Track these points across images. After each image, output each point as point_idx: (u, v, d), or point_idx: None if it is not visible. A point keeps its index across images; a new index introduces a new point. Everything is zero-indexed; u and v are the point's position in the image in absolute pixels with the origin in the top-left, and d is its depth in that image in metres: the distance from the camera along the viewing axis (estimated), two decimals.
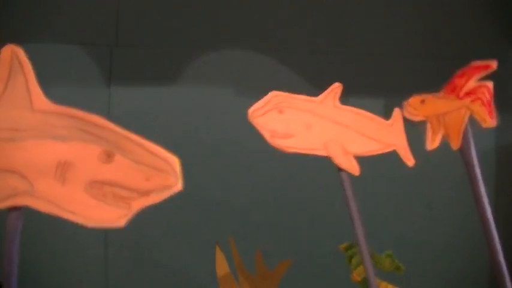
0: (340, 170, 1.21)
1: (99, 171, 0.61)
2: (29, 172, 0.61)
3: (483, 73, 0.87)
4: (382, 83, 2.22)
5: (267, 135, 1.21)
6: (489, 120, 0.84)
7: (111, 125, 0.62)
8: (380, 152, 1.23)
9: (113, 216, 0.61)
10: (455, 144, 0.83)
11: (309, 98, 1.24)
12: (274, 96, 1.24)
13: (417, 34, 2.28)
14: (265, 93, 1.25)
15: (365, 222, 2.25)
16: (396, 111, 1.22)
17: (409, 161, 1.22)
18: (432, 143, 0.83)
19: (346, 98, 1.25)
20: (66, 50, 2.12)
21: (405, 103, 0.88)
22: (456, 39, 2.28)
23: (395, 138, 1.22)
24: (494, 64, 0.85)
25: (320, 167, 1.99)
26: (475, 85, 0.84)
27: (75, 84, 2.12)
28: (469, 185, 2.44)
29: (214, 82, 2.20)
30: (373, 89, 2.21)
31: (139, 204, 0.63)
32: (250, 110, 1.22)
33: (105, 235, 2.11)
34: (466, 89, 0.84)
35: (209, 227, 2.13)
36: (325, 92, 1.25)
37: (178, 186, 0.62)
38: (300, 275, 2.10)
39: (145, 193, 0.62)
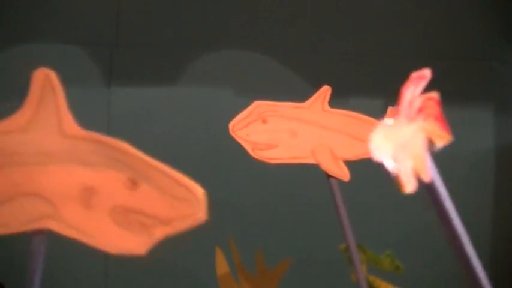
0: (329, 176, 1.19)
1: (124, 198, 0.61)
2: (55, 196, 0.61)
3: (423, 84, 0.74)
4: (382, 83, 2.22)
5: (248, 148, 1.19)
6: (445, 135, 0.72)
7: (137, 152, 0.62)
8: None
9: (135, 244, 0.62)
10: (426, 176, 0.71)
11: (295, 104, 1.22)
12: (257, 106, 1.22)
13: (417, 34, 2.28)
14: (265, 93, 1.24)
15: (365, 223, 2.26)
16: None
17: None
18: (409, 182, 0.71)
19: (346, 98, 1.25)
20: (66, 50, 2.12)
21: (369, 143, 0.77)
22: (456, 39, 2.28)
23: None
24: (428, 73, 0.75)
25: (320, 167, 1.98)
26: (421, 100, 0.74)
27: (75, 84, 2.12)
28: (468, 185, 2.45)
29: (214, 82, 2.20)
30: (373, 89, 2.21)
31: (162, 232, 0.63)
32: (231, 124, 1.21)
33: None
34: (414, 107, 0.74)
35: (209, 227, 2.13)
36: (313, 97, 1.23)
37: (202, 216, 0.63)
38: (300, 275, 2.10)
39: (168, 222, 0.62)
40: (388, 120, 0.76)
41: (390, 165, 0.72)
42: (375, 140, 0.74)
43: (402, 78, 0.76)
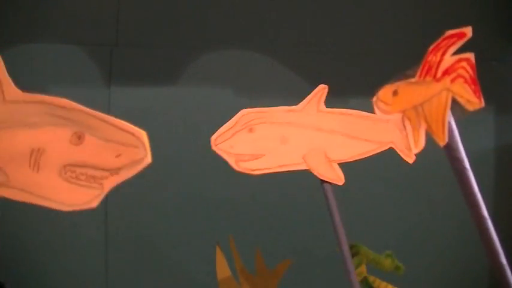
0: (322, 181, 1.15)
1: (71, 154, 0.61)
2: (4, 163, 0.61)
3: (458, 43, 0.69)
4: (382, 83, 2.22)
5: (231, 161, 1.15)
6: (475, 100, 0.65)
7: (78, 106, 0.62)
8: (373, 152, 1.15)
9: (86, 198, 0.62)
10: (441, 139, 0.67)
11: (287, 108, 1.17)
12: (244, 115, 1.17)
13: (417, 34, 2.28)
14: (265, 93, 1.23)
15: (365, 223, 2.25)
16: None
17: (409, 157, 1.09)
18: (416, 143, 0.68)
19: (346, 98, 1.25)
20: (66, 50, 2.12)
21: (374, 98, 0.71)
22: None
23: (392, 134, 1.10)
24: (468, 31, 0.70)
25: None
26: (453, 60, 0.68)
27: (75, 84, 2.12)
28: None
29: (214, 82, 2.20)
30: (373, 89, 2.20)
31: (111, 182, 0.63)
32: (213, 137, 1.17)
33: (105, 235, 2.11)
34: (442, 66, 0.68)
35: (209, 227, 2.13)
36: (308, 98, 1.17)
37: (147, 159, 0.62)
38: (300, 275, 2.10)
39: (116, 171, 0.62)
40: (409, 78, 0.69)
41: (394, 122, 0.68)
42: (381, 94, 0.70)
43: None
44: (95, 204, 0.62)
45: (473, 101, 0.66)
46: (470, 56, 0.68)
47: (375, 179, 2.17)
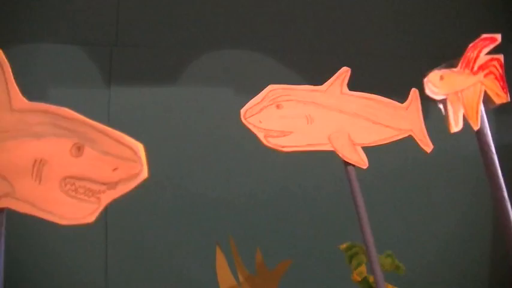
0: (346, 164, 1.15)
1: (71, 166, 0.60)
2: (9, 173, 0.60)
3: (490, 46, 0.81)
4: (382, 83, 2.22)
5: (260, 136, 1.14)
6: (503, 94, 0.80)
7: (79, 117, 0.61)
8: (394, 139, 1.15)
9: (83, 212, 0.61)
10: (474, 124, 0.79)
11: (312, 87, 1.18)
12: (271, 91, 1.18)
13: (417, 34, 2.28)
14: None
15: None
16: (413, 92, 1.12)
17: (427, 146, 1.12)
18: (456, 124, 0.78)
19: None
20: (66, 50, 2.12)
21: (425, 79, 0.82)
22: (456, 39, 2.28)
23: (411, 122, 1.12)
24: (498, 37, 0.81)
25: (320, 167, 1.98)
26: (486, 58, 0.81)
27: (75, 84, 2.12)
28: (469, 184, 2.44)
29: (214, 82, 2.20)
30: (373, 89, 2.20)
31: (108, 197, 0.61)
32: (243, 110, 1.15)
33: (105, 235, 2.11)
34: (478, 63, 0.81)
35: (209, 227, 2.13)
36: (331, 79, 1.19)
37: (144, 174, 0.61)
38: (300, 275, 2.10)
39: (113, 185, 0.61)
40: (452, 68, 0.82)
41: (441, 103, 0.81)
42: (431, 76, 0.82)
43: (402, 78, 0.77)
44: (91, 219, 0.61)
45: (501, 95, 0.81)
46: (500, 56, 0.81)
47: (375, 179, 2.17)
